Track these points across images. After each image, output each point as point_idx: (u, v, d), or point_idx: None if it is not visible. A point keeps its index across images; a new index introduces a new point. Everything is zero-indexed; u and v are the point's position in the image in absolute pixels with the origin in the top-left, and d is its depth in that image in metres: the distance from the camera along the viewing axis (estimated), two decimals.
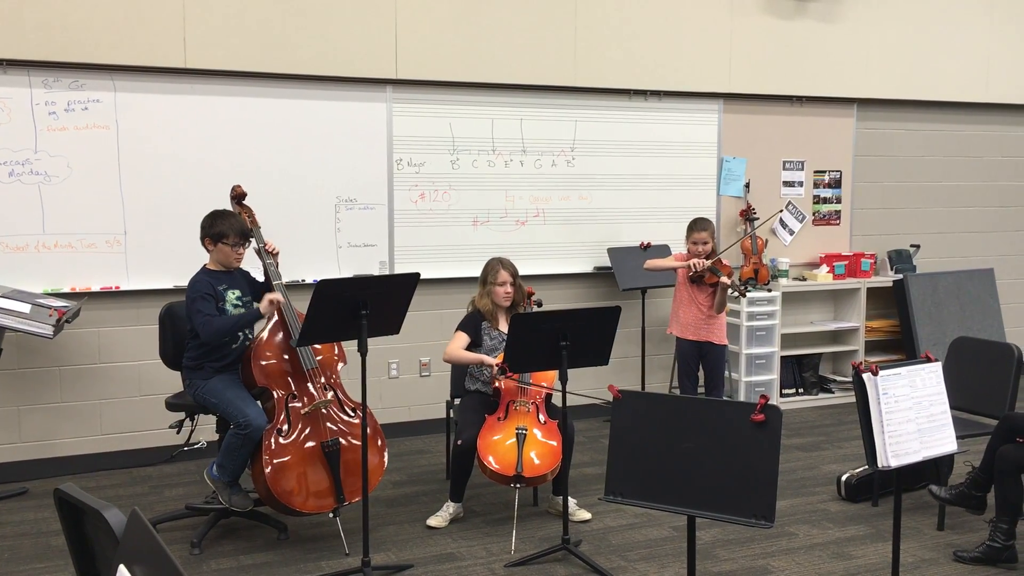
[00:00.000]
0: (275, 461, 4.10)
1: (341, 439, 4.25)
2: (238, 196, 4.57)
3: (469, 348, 4.78)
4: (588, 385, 5.81)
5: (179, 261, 5.34)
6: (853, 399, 3.47)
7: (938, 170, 7.76)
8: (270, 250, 4.44)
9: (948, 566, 4.11)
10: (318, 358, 4.35)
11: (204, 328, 4.17)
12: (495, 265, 4.84)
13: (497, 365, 4.61)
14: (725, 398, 6.07)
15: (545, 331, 4.04)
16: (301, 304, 4.15)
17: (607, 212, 6.61)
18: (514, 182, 6.35)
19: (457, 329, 4.82)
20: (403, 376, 6.23)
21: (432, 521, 4.57)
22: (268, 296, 4.24)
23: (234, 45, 5.54)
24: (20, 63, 5.14)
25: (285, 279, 4.50)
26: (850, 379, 6.98)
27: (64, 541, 2.00)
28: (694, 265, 5.41)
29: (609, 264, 6.53)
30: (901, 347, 7.39)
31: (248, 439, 4.11)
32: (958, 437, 3.49)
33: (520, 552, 4.22)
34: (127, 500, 4.93)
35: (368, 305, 3.81)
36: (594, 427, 6.32)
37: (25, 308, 4.85)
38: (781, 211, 7.17)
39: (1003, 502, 4.06)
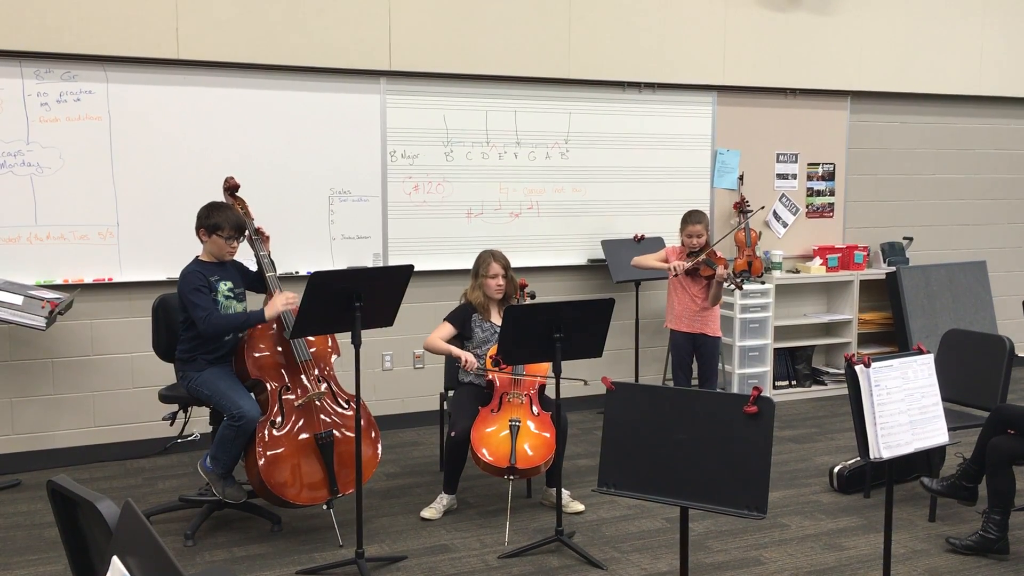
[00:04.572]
0: (268, 453, 4.10)
1: (335, 431, 4.25)
2: (231, 188, 4.56)
3: (457, 340, 4.80)
4: (582, 377, 5.80)
5: (172, 253, 5.32)
6: (846, 391, 3.47)
7: (931, 163, 7.77)
8: (261, 233, 4.44)
9: (939, 557, 4.13)
10: (312, 350, 4.35)
11: (205, 323, 4.15)
12: (486, 258, 4.84)
13: (490, 357, 4.62)
14: (718, 390, 6.09)
15: (538, 323, 4.05)
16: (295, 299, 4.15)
17: (601, 204, 6.62)
18: (508, 174, 6.35)
19: (444, 319, 4.83)
20: (397, 368, 6.23)
21: (426, 513, 4.58)
22: (275, 306, 4.23)
23: (227, 36, 5.52)
24: (12, 54, 5.12)
25: (279, 271, 4.50)
26: (843, 371, 6.98)
27: (57, 533, 2.00)
28: (675, 268, 5.43)
29: (603, 256, 6.53)
30: (894, 339, 7.41)
31: (242, 431, 4.11)
32: (950, 429, 3.50)
33: (514, 543, 4.23)
34: (120, 492, 4.93)
35: (362, 297, 3.80)
36: (587, 419, 6.33)
37: (17, 300, 4.84)
38: (762, 208, 7.18)
39: (995, 494, 4.08)
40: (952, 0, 7.55)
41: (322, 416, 4.26)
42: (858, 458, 4.84)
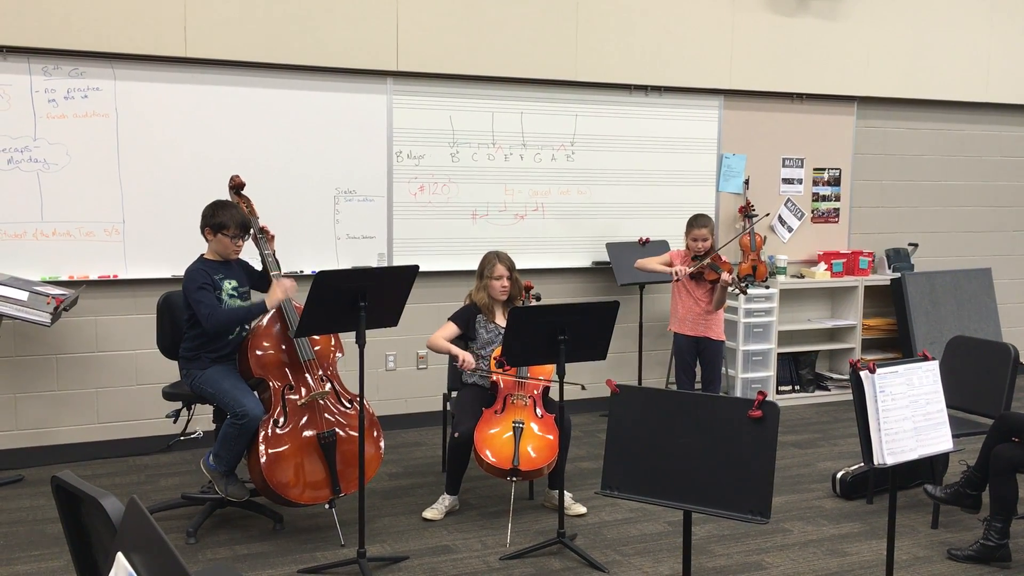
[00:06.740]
0: (271, 452, 4.10)
1: (338, 430, 4.25)
2: (237, 186, 4.57)
3: (461, 341, 4.80)
4: (585, 380, 5.79)
5: (177, 250, 5.33)
6: (849, 397, 3.48)
7: (937, 169, 7.76)
8: (266, 232, 4.45)
9: (942, 564, 4.12)
10: (315, 349, 4.35)
11: (208, 319, 4.16)
12: (491, 259, 4.84)
13: (494, 358, 4.62)
14: (721, 394, 6.08)
15: (543, 325, 4.04)
16: (299, 295, 4.15)
17: (606, 207, 6.61)
18: (513, 176, 6.35)
19: (449, 319, 4.84)
20: (400, 368, 6.23)
21: (428, 513, 4.58)
22: (275, 296, 4.23)
23: (235, 35, 5.53)
24: (20, 50, 5.13)
25: (283, 270, 4.50)
26: (846, 377, 6.99)
27: (60, 529, 2.00)
28: (676, 273, 5.44)
29: (608, 259, 6.53)
30: (898, 345, 7.40)
31: (245, 429, 4.11)
32: (954, 436, 3.50)
33: (515, 545, 4.23)
34: (123, 489, 4.94)
35: (366, 297, 3.81)
36: (591, 421, 6.32)
37: (23, 296, 4.85)
38: (769, 213, 7.17)
39: (998, 501, 4.07)
40: (959, 7, 7.54)
41: (325, 415, 4.26)
42: (861, 464, 4.84)
